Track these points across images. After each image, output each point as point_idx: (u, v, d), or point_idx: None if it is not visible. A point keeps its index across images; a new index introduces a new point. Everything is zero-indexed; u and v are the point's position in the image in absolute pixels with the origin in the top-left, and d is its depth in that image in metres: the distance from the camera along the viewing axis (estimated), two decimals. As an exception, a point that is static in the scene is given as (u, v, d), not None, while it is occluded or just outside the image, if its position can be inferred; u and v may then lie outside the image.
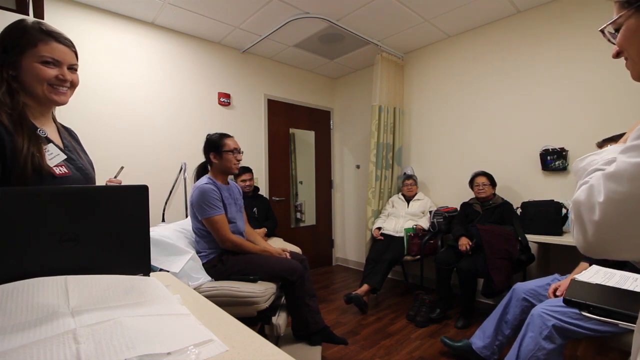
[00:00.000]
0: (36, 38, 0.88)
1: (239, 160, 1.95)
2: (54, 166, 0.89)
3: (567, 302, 1.26)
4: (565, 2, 2.57)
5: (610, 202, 0.45)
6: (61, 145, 0.98)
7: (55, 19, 2.38)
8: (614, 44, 0.57)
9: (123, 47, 2.73)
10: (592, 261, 1.64)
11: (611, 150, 0.63)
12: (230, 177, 2.15)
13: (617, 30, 0.55)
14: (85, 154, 1.09)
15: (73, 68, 0.96)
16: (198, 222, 1.85)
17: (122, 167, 1.27)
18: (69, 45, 0.95)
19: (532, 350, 1.41)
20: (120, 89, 2.70)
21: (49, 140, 0.92)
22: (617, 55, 0.58)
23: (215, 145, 1.91)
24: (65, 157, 0.93)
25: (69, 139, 1.05)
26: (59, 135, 1.01)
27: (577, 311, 1.34)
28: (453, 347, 1.98)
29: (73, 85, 0.97)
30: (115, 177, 1.18)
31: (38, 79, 0.88)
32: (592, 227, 0.47)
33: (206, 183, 1.84)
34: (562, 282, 1.60)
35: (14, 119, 0.85)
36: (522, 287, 1.78)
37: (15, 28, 0.88)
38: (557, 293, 1.56)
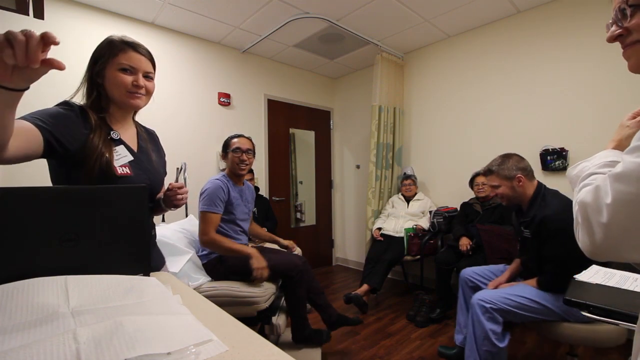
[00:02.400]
0: (117, 48, 0.96)
1: (242, 161, 1.87)
2: (119, 166, 0.94)
3: (567, 302, 1.26)
4: (566, 2, 2.57)
5: (619, 202, 0.44)
6: (135, 147, 1.04)
7: (55, 19, 2.38)
8: (619, 25, 0.52)
9: (123, 47, 2.73)
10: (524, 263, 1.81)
11: (601, 156, 0.64)
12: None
13: (632, 7, 0.50)
14: (160, 156, 1.16)
15: (149, 76, 1.02)
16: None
17: (178, 169, 1.18)
18: (145, 54, 1.01)
19: (482, 330, 1.58)
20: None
21: (121, 142, 0.99)
22: (617, 38, 0.53)
23: (225, 144, 1.94)
24: (132, 158, 0.99)
25: (146, 141, 1.11)
26: (137, 137, 1.08)
27: (509, 295, 1.55)
28: (449, 355, 1.99)
29: (148, 92, 1.03)
30: (177, 181, 1.12)
31: (117, 85, 0.96)
32: (601, 229, 0.46)
33: (218, 179, 1.85)
34: (499, 279, 1.81)
35: (96, 122, 0.94)
36: (466, 272, 1.97)
37: (103, 42, 0.98)
38: (491, 287, 1.77)
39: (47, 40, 0.55)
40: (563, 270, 1.52)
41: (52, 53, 0.53)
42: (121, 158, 0.96)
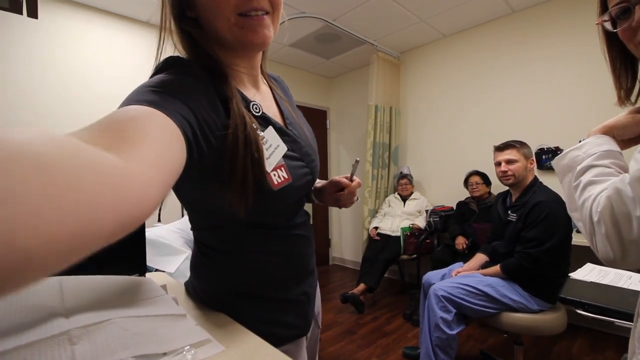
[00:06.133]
0: None
1: None
2: (272, 171, 0.55)
3: (562, 300, 1.27)
4: (560, 1, 2.59)
5: None
6: (280, 120, 0.63)
7: (50, 18, 2.36)
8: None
9: (118, 46, 2.71)
10: (489, 252, 1.93)
11: (592, 143, 0.59)
12: None
13: None
14: (305, 121, 0.73)
15: None
16: None
17: (357, 161, 0.78)
18: None
19: (434, 318, 1.67)
20: (115, 87, 2.68)
21: (266, 120, 0.59)
22: None
23: None
24: (286, 149, 0.58)
25: (284, 102, 0.68)
26: (275, 99, 0.66)
27: (465, 287, 1.66)
28: (413, 355, 1.99)
29: (275, 6, 0.55)
30: (352, 177, 0.77)
31: (217, 9, 0.51)
32: (633, 245, 0.42)
33: None
34: (460, 269, 1.92)
35: (232, 88, 0.54)
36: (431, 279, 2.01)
37: None
38: (453, 274, 1.88)
39: None
40: (533, 256, 1.60)
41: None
42: (274, 153, 0.56)
